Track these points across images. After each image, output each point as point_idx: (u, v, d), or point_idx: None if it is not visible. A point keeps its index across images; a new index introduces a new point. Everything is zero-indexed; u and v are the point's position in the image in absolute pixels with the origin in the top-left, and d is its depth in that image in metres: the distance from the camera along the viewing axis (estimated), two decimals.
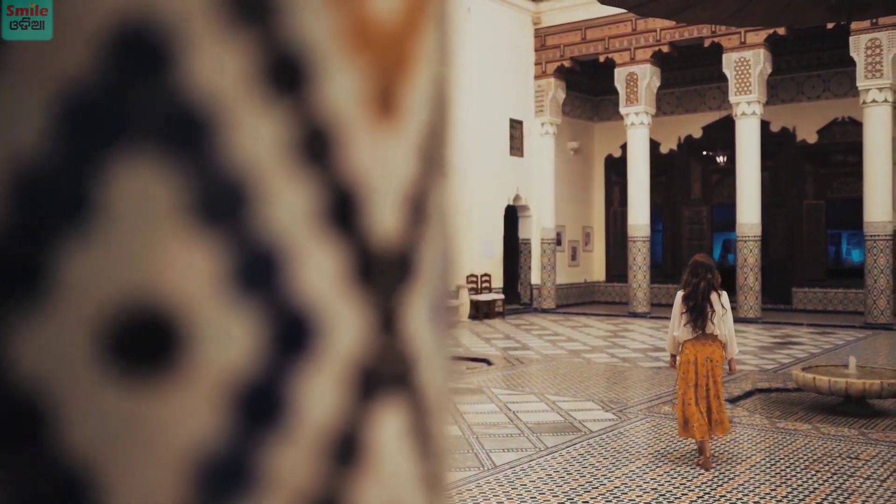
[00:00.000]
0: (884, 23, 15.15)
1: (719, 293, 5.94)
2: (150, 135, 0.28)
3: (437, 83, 0.41)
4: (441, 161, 0.41)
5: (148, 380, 0.28)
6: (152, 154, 0.28)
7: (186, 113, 0.29)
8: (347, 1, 0.34)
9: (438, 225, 0.40)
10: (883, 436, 6.96)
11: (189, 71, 0.29)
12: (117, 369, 0.28)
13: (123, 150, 0.28)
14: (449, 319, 0.44)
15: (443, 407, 0.41)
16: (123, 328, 0.28)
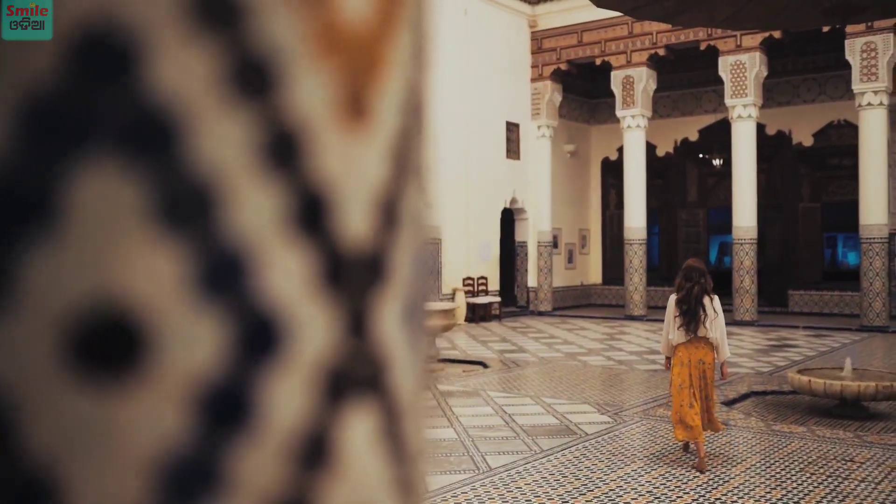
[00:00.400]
0: (879, 26, 15.19)
1: (711, 297, 6.02)
2: (115, 138, 0.28)
3: (410, 88, 0.41)
4: (414, 165, 0.41)
5: (111, 382, 0.28)
6: (117, 158, 0.28)
7: (151, 116, 0.29)
8: (316, 5, 0.34)
9: (411, 229, 0.41)
10: (878, 438, 6.97)
11: (154, 75, 0.29)
12: (80, 372, 0.28)
13: (88, 154, 0.28)
14: (423, 323, 0.44)
15: (416, 409, 0.41)
16: (86, 331, 0.28)
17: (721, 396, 8.77)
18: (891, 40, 15.44)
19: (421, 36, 0.43)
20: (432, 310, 10.68)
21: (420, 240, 0.42)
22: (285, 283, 0.33)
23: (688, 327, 5.94)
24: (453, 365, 11.30)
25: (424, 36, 0.44)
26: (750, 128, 17.08)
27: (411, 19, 0.41)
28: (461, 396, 8.76)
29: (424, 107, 0.44)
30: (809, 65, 19.02)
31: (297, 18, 0.33)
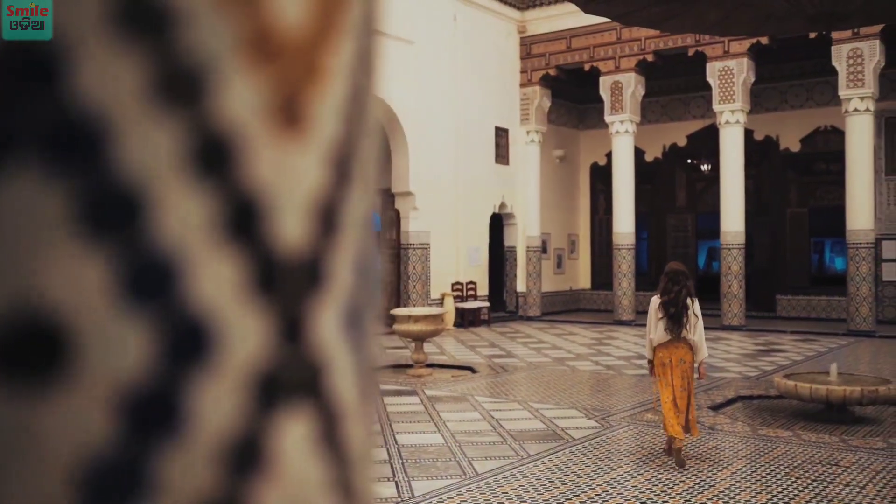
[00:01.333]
0: (865, 33, 15.29)
1: (693, 300, 6.25)
2: (39, 146, 0.29)
3: (353, 95, 0.41)
4: (357, 172, 0.42)
5: (34, 388, 0.28)
6: (40, 165, 0.29)
7: (76, 124, 0.29)
8: (249, 13, 0.34)
9: (353, 235, 0.41)
10: (863, 442, 7.00)
11: (78, 82, 0.29)
12: (2, 379, 0.28)
13: (10, 162, 0.28)
14: (368, 328, 0.44)
15: (359, 413, 0.41)
16: (9, 338, 0.28)
17: (708, 401, 8.80)
18: (877, 47, 15.54)
19: (366, 44, 0.43)
20: (420, 315, 10.67)
21: (364, 246, 0.42)
22: (215, 289, 0.33)
23: (673, 330, 6.17)
24: (442, 370, 11.29)
25: (371, 44, 0.44)
26: (738, 133, 17.16)
27: (355, 27, 0.42)
28: (449, 401, 8.76)
29: (369, 114, 0.44)
30: (796, 71, 19.12)
31: (229, 26, 0.33)
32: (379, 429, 7.37)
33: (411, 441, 6.92)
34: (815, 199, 19.96)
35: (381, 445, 6.78)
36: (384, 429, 7.40)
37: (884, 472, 6.03)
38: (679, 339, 6.19)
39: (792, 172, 19.97)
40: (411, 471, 6.01)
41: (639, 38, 18.07)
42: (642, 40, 18.06)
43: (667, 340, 6.22)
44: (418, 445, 6.77)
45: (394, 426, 7.49)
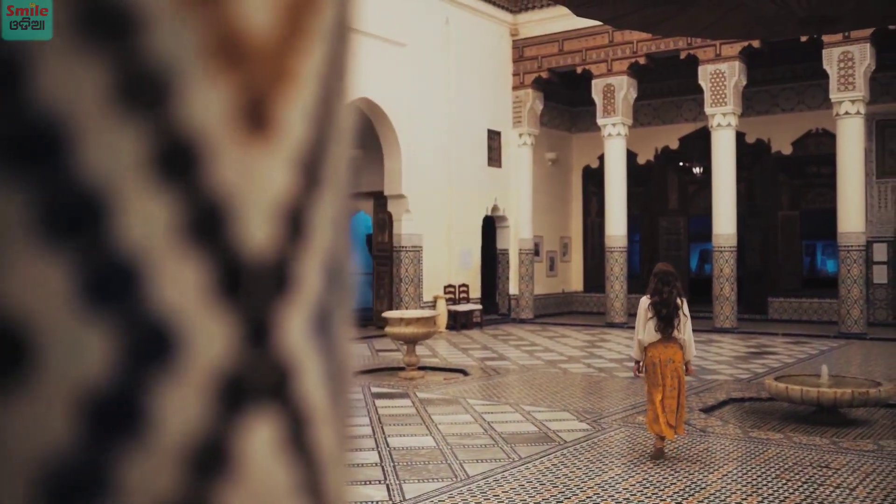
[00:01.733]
0: (856, 36, 15.35)
1: (682, 300, 6.42)
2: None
3: (324, 98, 0.41)
4: (327, 176, 0.42)
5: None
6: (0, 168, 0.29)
7: (36, 128, 0.29)
8: (214, 16, 0.34)
9: (322, 238, 0.41)
10: (853, 444, 7.02)
11: (38, 86, 0.29)
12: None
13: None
14: (341, 331, 0.44)
15: (329, 417, 0.42)
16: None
17: (699, 403, 8.82)
18: (867, 50, 15.61)
19: (339, 48, 0.44)
20: (412, 317, 10.67)
21: (335, 250, 0.43)
22: (179, 293, 0.33)
23: (665, 331, 6.31)
24: (434, 373, 11.29)
25: (343, 48, 0.44)
26: (729, 136, 17.21)
27: (326, 31, 0.42)
28: (440, 404, 8.76)
29: (342, 118, 0.44)
30: (788, 74, 19.19)
31: (193, 30, 0.33)
32: (369, 431, 7.37)
33: (403, 444, 6.91)
34: (807, 201, 20.04)
35: (372, 448, 6.77)
36: (375, 431, 7.39)
37: (874, 474, 6.05)
38: (669, 338, 6.34)
39: (783, 175, 20.03)
40: (402, 473, 6.01)
41: (631, 41, 18.11)
42: (634, 43, 18.10)
43: (657, 340, 6.36)
44: (410, 448, 6.77)
45: (385, 429, 7.49)
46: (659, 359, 6.36)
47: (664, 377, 6.32)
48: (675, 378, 6.34)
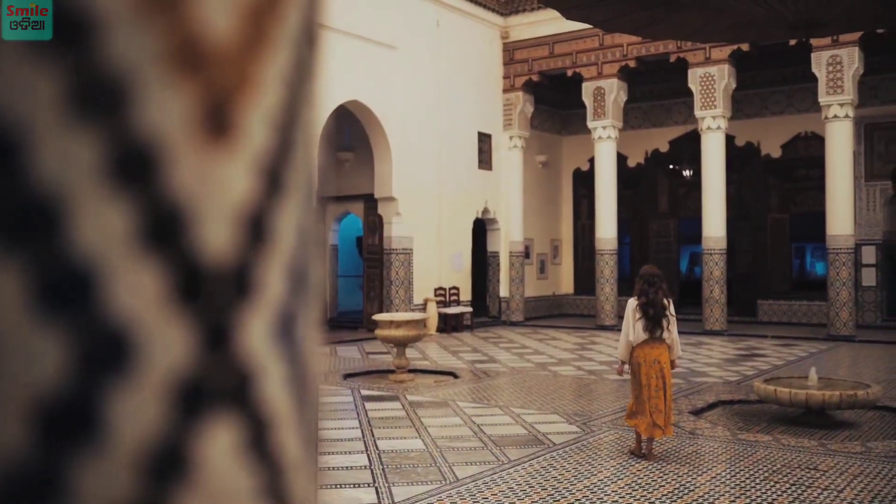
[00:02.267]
0: (844, 40, 15.43)
1: (669, 301, 6.60)
2: None
3: (288, 104, 0.42)
4: (289, 181, 0.42)
5: None
6: None
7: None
8: (174, 22, 0.34)
9: (285, 243, 0.41)
10: (841, 447, 7.05)
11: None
12: None
13: None
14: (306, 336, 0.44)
15: (291, 421, 0.42)
16: None
17: (689, 406, 8.84)
18: (855, 54, 15.68)
19: (304, 53, 0.44)
20: (402, 320, 10.66)
21: (299, 255, 0.43)
22: (136, 299, 0.33)
23: (653, 331, 6.45)
24: (424, 375, 11.29)
25: (310, 53, 0.45)
26: (719, 139, 17.26)
27: (290, 37, 0.42)
28: (430, 407, 8.75)
29: (308, 123, 0.44)
30: (777, 77, 19.27)
31: (151, 36, 0.34)
32: (359, 434, 7.37)
33: (392, 446, 6.91)
34: (796, 204, 20.11)
35: (361, 451, 6.77)
36: (365, 434, 7.38)
37: (861, 476, 6.07)
38: (656, 339, 6.48)
39: (773, 178, 20.10)
40: (392, 476, 6.00)
41: (621, 45, 18.16)
42: (624, 46, 18.15)
43: (644, 341, 6.49)
44: (399, 451, 6.76)
45: (375, 431, 7.48)
46: (645, 359, 6.50)
47: (648, 377, 6.47)
48: (660, 378, 6.47)
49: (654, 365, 6.48)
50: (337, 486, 5.80)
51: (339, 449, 6.85)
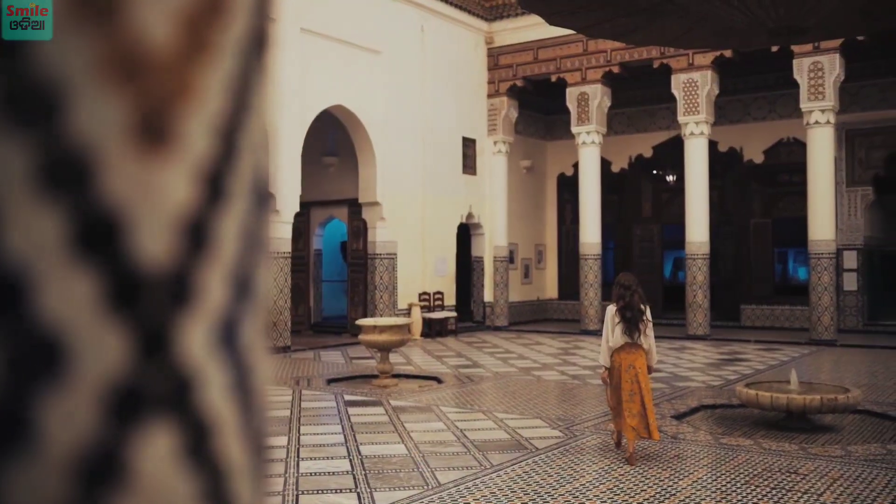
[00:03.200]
0: (826, 47, 15.55)
1: (645, 306, 6.76)
2: None
3: (232, 111, 0.42)
4: (233, 188, 0.42)
5: None
6: None
7: None
8: (109, 30, 0.35)
9: (228, 250, 0.41)
10: (822, 450, 7.09)
11: None
12: None
13: None
14: (251, 341, 0.44)
15: (234, 426, 0.42)
16: None
17: (671, 410, 8.87)
18: (836, 61, 15.81)
19: (251, 61, 0.44)
20: (386, 325, 10.64)
21: (244, 261, 0.43)
22: (68, 305, 0.33)
23: (631, 335, 6.63)
24: (408, 380, 11.28)
25: (257, 62, 0.45)
26: (702, 145, 17.36)
27: (235, 45, 0.42)
28: (414, 412, 8.75)
29: (254, 130, 0.45)
30: (760, 83, 19.40)
31: (85, 44, 0.34)
32: (342, 439, 7.35)
33: (374, 451, 6.90)
34: (779, 209, 20.23)
35: (343, 456, 6.75)
36: (347, 439, 7.37)
37: (841, 480, 6.11)
38: (634, 344, 6.64)
39: (755, 183, 20.22)
40: (374, 482, 5.99)
41: (605, 50, 18.23)
42: (608, 52, 18.22)
43: (622, 346, 6.66)
44: (381, 456, 6.75)
45: (357, 437, 7.46)
46: (621, 363, 6.67)
47: (624, 382, 6.62)
48: (635, 383, 6.60)
49: (629, 370, 6.63)
50: (319, 491, 5.78)
51: (321, 454, 6.84)
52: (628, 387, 6.60)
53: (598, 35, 11.54)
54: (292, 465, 6.45)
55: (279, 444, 7.15)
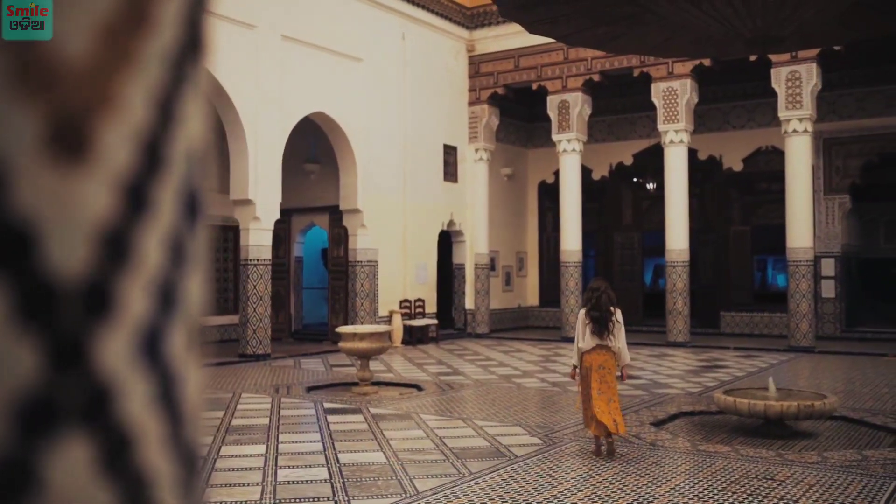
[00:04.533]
0: (803, 56, 15.70)
1: (616, 308, 7.07)
2: None
3: (156, 122, 0.42)
4: (156, 199, 0.42)
5: None
6: None
7: None
8: (20, 43, 0.35)
9: (150, 260, 0.41)
10: (798, 457, 7.14)
11: None
12: None
13: None
14: (177, 351, 0.44)
15: (156, 437, 0.42)
16: None
17: (650, 417, 8.90)
18: (814, 70, 15.97)
19: (181, 72, 0.44)
20: (366, 332, 10.62)
21: (170, 271, 0.43)
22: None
23: (600, 334, 6.97)
24: (388, 388, 11.26)
25: (186, 71, 0.45)
26: (682, 152, 17.46)
27: (161, 56, 0.42)
28: (393, 420, 8.73)
29: (184, 140, 0.44)
30: (739, 92, 19.55)
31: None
32: (320, 447, 7.32)
33: (353, 459, 6.88)
34: (758, 217, 20.38)
35: (322, 464, 6.72)
36: (326, 447, 7.34)
37: (817, 486, 6.14)
38: (604, 346, 6.98)
39: (735, 191, 20.37)
40: (351, 490, 5.97)
41: (585, 59, 18.33)
42: (589, 60, 18.32)
43: (592, 347, 6.99)
44: (360, 464, 6.73)
45: (336, 445, 7.44)
46: (591, 364, 7.01)
47: (593, 380, 6.95)
48: (605, 383, 6.97)
49: (599, 370, 6.98)
50: (296, 500, 5.76)
51: (299, 462, 6.81)
52: (598, 385, 6.93)
53: (579, 43, 11.61)
54: (270, 474, 6.42)
55: (257, 453, 7.11)
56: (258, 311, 14.55)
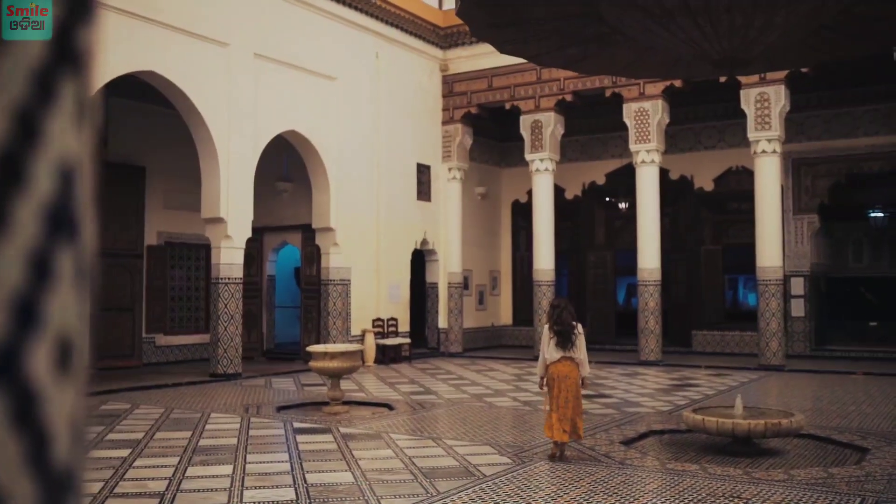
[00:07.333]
0: (772, 78, 15.93)
1: (577, 322, 7.69)
2: None
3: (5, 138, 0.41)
4: (17, 215, 0.42)
5: None
6: None
7: None
8: None
9: (7, 278, 0.41)
10: (765, 475, 7.17)
11: None
12: None
13: None
14: (39, 370, 0.44)
15: (12, 453, 0.41)
16: None
17: (620, 436, 8.91)
18: (782, 92, 16.19)
19: (42, 92, 0.44)
20: (337, 351, 10.56)
21: (29, 290, 0.42)
22: None
23: (564, 346, 7.57)
24: (359, 407, 11.20)
25: (51, 88, 0.44)
26: (653, 172, 17.60)
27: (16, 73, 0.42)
28: (363, 439, 8.68)
29: (39, 158, 0.44)
30: (709, 113, 19.78)
31: None
32: (288, 468, 7.25)
33: (321, 480, 6.82)
34: (729, 237, 20.58)
35: (289, 485, 6.67)
36: (294, 468, 7.28)
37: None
38: (568, 357, 7.56)
39: (706, 211, 20.56)
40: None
41: (558, 79, 18.47)
42: (561, 81, 18.46)
43: (558, 359, 7.58)
44: (327, 484, 6.68)
45: (304, 465, 7.38)
46: (557, 375, 7.59)
47: (559, 391, 7.53)
48: (570, 392, 7.54)
49: (564, 380, 7.57)
50: None
51: (266, 483, 6.74)
52: (564, 394, 7.51)
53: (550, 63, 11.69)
54: (236, 494, 6.35)
55: (224, 473, 7.04)
56: (229, 330, 14.44)
